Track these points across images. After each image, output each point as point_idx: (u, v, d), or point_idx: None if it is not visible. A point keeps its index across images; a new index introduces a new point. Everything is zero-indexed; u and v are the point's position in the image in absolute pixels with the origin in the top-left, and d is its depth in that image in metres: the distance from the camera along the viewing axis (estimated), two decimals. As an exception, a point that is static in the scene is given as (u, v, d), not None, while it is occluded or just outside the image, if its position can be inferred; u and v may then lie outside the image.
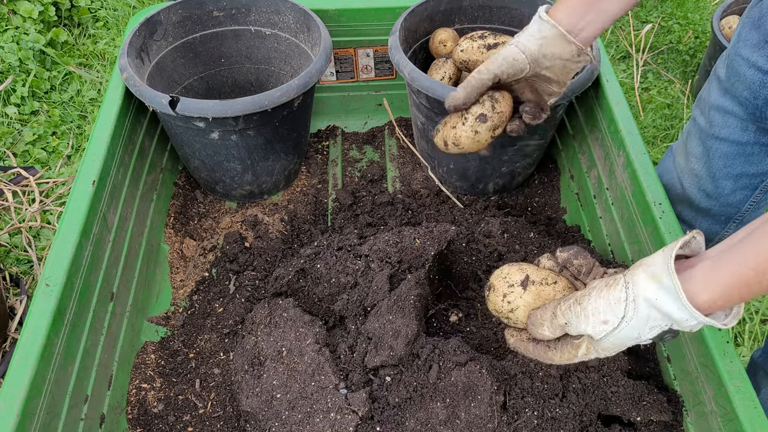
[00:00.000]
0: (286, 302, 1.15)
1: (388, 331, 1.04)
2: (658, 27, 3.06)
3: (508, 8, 1.55)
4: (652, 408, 1.02)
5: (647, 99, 2.71)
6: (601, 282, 0.83)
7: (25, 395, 0.88)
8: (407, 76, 1.33)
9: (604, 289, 0.81)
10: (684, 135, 1.34)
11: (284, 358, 1.07)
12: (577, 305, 0.83)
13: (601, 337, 0.81)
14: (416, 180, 1.61)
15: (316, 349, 1.06)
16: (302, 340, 1.08)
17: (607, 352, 0.84)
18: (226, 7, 1.54)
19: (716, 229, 1.35)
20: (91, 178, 1.18)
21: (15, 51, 2.52)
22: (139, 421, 1.15)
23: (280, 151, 1.47)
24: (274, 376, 1.06)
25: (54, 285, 1.01)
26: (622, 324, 0.79)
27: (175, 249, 1.43)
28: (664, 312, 0.76)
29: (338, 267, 1.19)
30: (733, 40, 1.13)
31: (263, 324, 1.13)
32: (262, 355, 1.10)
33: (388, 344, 1.03)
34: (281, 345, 1.09)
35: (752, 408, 0.89)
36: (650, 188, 1.18)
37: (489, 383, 0.98)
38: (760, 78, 1.05)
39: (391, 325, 1.04)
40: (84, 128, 2.43)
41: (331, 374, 1.02)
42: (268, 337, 1.12)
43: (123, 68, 1.33)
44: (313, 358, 1.05)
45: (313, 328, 1.09)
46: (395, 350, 1.01)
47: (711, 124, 1.21)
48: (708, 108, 1.22)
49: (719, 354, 0.94)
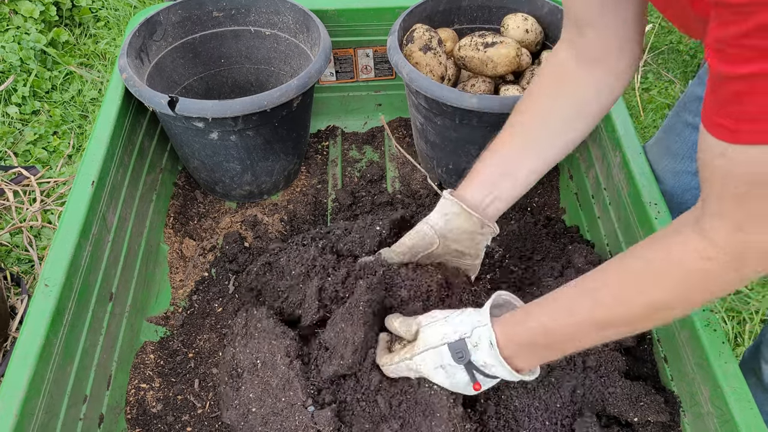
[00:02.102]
0: (260, 312, 1.12)
1: (341, 340, 1.02)
2: (658, 27, 3.06)
3: (508, 8, 1.55)
4: (649, 408, 1.02)
5: (648, 99, 2.70)
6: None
7: (24, 395, 0.89)
8: (406, 77, 1.34)
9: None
10: (662, 139, 1.33)
11: (259, 371, 1.06)
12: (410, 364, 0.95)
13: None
14: (416, 180, 1.61)
15: (286, 362, 1.03)
16: (275, 353, 1.05)
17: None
18: (226, 7, 1.54)
19: None
20: (91, 179, 1.18)
21: (16, 51, 2.52)
22: (137, 421, 1.15)
23: (280, 152, 1.48)
24: (250, 389, 1.05)
25: (53, 285, 1.01)
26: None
27: (174, 249, 1.43)
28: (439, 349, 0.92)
29: (296, 259, 1.19)
30: None
31: (240, 335, 1.12)
32: (239, 366, 1.09)
33: (339, 353, 1.01)
34: (256, 357, 1.07)
35: (748, 409, 0.89)
36: (646, 189, 1.18)
37: (444, 398, 0.96)
38: None
39: (343, 333, 1.02)
40: (85, 128, 2.44)
41: (299, 390, 1.00)
42: (244, 349, 1.10)
43: (122, 68, 1.34)
44: (284, 373, 1.02)
45: (284, 340, 1.06)
46: (345, 359, 1.00)
47: (689, 112, 1.20)
48: (690, 99, 1.21)
49: (715, 355, 0.94)
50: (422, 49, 1.41)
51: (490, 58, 1.40)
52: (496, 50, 1.39)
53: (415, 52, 1.41)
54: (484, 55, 1.40)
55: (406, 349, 0.96)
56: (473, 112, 1.28)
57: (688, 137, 1.23)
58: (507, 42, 1.40)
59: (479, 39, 1.42)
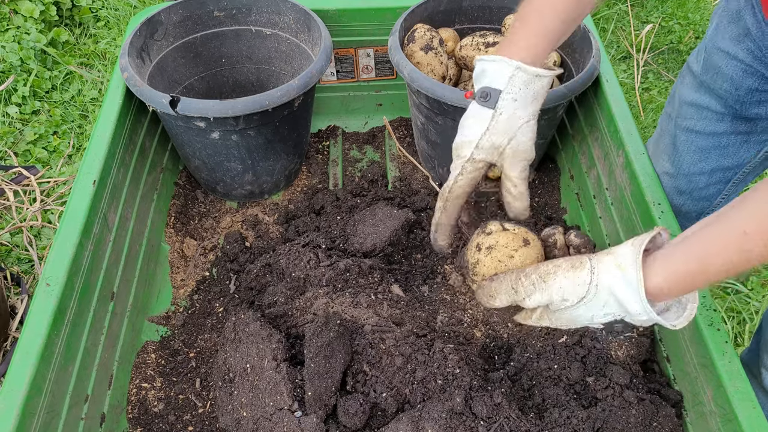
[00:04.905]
0: (247, 316, 1.12)
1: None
2: (658, 27, 3.06)
3: (509, 8, 1.55)
4: (663, 427, 1.01)
5: (648, 99, 2.71)
6: (565, 262, 0.89)
7: (26, 394, 0.89)
8: (407, 77, 1.34)
9: (570, 270, 0.87)
10: (656, 136, 1.35)
11: (249, 375, 1.05)
12: (541, 282, 0.89)
13: (558, 309, 0.89)
14: (417, 180, 1.61)
15: (273, 366, 1.03)
16: (262, 357, 1.05)
17: (559, 324, 0.93)
18: (227, 7, 1.54)
19: (687, 225, 1.35)
20: (92, 178, 1.18)
21: (16, 50, 2.52)
22: (139, 420, 1.15)
23: (281, 151, 1.48)
24: (242, 394, 1.05)
25: (54, 284, 1.01)
26: (579, 303, 0.86)
27: (175, 248, 1.43)
28: (621, 302, 0.81)
29: (296, 261, 1.21)
30: (710, 34, 1.13)
31: (230, 339, 1.12)
32: (231, 371, 1.09)
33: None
34: (246, 361, 1.07)
35: (751, 408, 0.89)
36: (649, 188, 1.18)
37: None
38: (742, 68, 1.06)
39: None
40: (85, 128, 2.44)
41: (286, 395, 0.99)
42: (235, 353, 1.10)
43: (124, 68, 1.33)
44: (272, 377, 1.02)
45: (270, 343, 1.06)
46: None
47: (684, 118, 1.22)
48: (680, 104, 1.23)
49: (718, 354, 0.94)
50: (423, 49, 1.41)
51: (491, 58, 1.40)
52: (496, 50, 1.39)
53: (417, 51, 1.41)
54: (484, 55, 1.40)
55: (544, 318, 0.95)
56: (475, 111, 1.27)
57: (687, 140, 1.23)
58: (508, 42, 1.40)
59: (480, 39, 1.43)
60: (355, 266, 1.21)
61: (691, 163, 1.24)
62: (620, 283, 0.82)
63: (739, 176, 1.23)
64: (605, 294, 0.84)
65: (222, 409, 1.08)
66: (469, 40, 1.44)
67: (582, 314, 0.88)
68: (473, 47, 1.42)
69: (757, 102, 1.08)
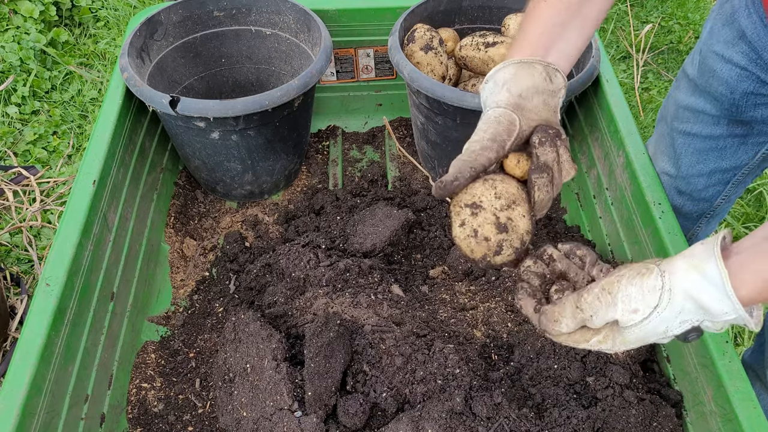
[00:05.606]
0: (247, 316, 1.12)
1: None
2: (658, 27, 3.06)
3: (509, 8, 1.55)
4: (663, 427, 1.01)
5: (647, 99, 2.71)
6: (628, 270, 0.79)
7: (26, 394, 0.89)
8: (407, 77, 1.34)
9: (636, 277, 0.77)
10: (655, 136, 1.35)
11: (249, 375, 1.06)
12: (606, 294, 0.78)
13: (628, 326, 0.77)
14: (416, 180, 1.61)
15: (273, 366, 1.03)
16: (262, 357, 1.05)
17: (628, 345, 0.80)
18: (227, 7, 1.54)
19: (688, 225, 1.35)
20: (92, 178, 1.18)
21: (16, 51, 2.52)
22: (139, 420, 1.15)
23: (281, 151, 1.48)
24: (242, 394, 1.05)
25: (54, 284, 1.01)
26: (653, 314, 0.76)
27: (175, 249, 1.43)
28: (701, 304, 0.73)
29: (295, 261, 1.20)
30: (704, 38, 1.13)
31: (230, 339, 1.12)
32: (231, 371, 1.09)
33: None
34: (246, 361, 1.07)
35: (751, 408, 0.89)
36: (650, 188, 1.18)
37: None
38: (737, 72, 1.06)
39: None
40: (85, 128, 2.43)
41: (286, 395, 1.00)
42: (235, 354, 1.10)
43: (123, 68, 1.33)
44: (271, 377, 1.02)
45: (270, 343, 1.06)
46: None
47: (681, 121, 1.22)
48: (676, 107, 1.22)
49: (719, 354, 0.94)
50: (423, 49, 1.41)
51: (491, 58, 1.40)
52: (497, 50, 1.39)
53: (416, 51, 1.41)
54: (485, 55, 1.40)
55: (608, 339, 0.82)
56: (474, 111, 1.28)
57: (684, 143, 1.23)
58: (508, 42, 1.40)
59: (480, 39, 1.43)
60: (355, 266, 1.21)
61: (690, 164, 1.24)
62: (700, 283, 0.73)
63: (738, 177, 1.23)
64: (681, 299, 0.75)
65: (222, 409, 1.08)
66: (469, 40, 1.44)
67: (656, 327, 0.77)
68: (473, 47, 1.42)
69: (753, 105, 1.08)
